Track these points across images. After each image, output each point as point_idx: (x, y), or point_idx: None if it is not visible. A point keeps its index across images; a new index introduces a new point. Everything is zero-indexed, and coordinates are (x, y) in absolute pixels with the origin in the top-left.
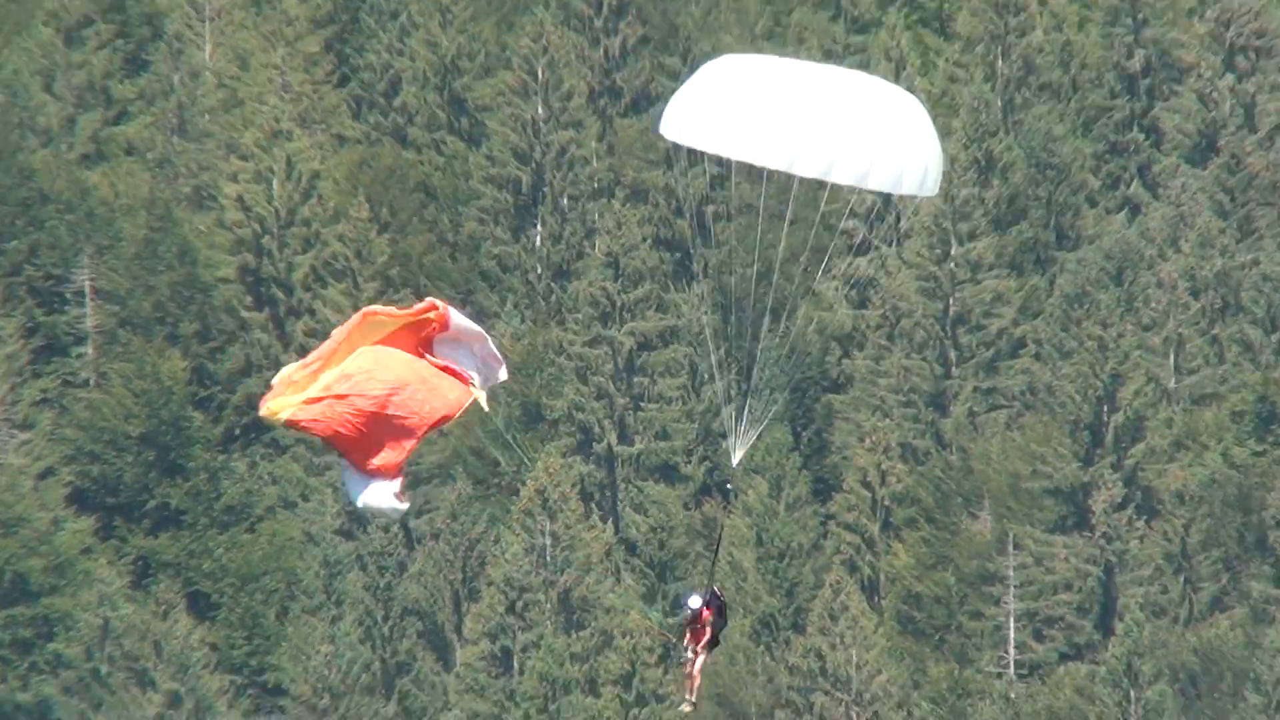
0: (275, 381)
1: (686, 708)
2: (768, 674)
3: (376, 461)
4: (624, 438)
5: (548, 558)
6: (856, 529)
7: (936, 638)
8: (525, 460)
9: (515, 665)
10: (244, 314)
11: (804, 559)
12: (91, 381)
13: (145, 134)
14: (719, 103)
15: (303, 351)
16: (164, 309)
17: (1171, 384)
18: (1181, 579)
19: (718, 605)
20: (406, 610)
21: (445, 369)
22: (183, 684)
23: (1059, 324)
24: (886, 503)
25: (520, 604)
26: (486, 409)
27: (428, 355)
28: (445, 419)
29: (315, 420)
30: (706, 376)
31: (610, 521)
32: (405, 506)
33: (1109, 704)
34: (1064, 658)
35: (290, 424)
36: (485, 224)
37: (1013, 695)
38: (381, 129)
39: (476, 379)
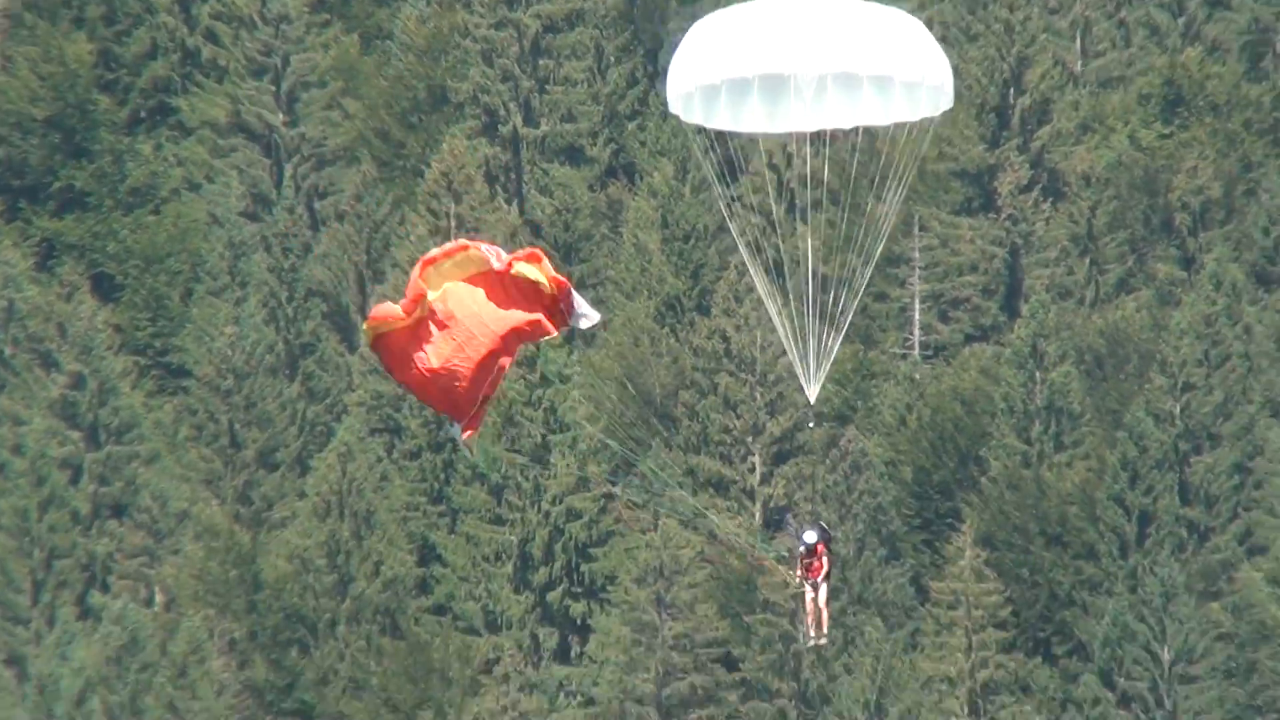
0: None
1: (823, 641)
2: (672, 355)
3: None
4: (529, 120)
5: (452, 240)
6: (761, 211)
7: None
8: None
9: None
10: None
11: (708, 240)
12: None
13: None
14: (726, 69)
15: (208, 34)
16: None
17: (1078, 67)
18: (1087, 261)
19: (826, 538)
20: (311, 291)
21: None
22: (86, 365)
23: (965, 6)
24: (792, 185)
25: None
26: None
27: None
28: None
29: (394, 354)
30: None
31: (515, 204)
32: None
33: (1014, 385)
34: (969, 339)
35: (376, 345)
36: None
37: (917, 376)
38: None
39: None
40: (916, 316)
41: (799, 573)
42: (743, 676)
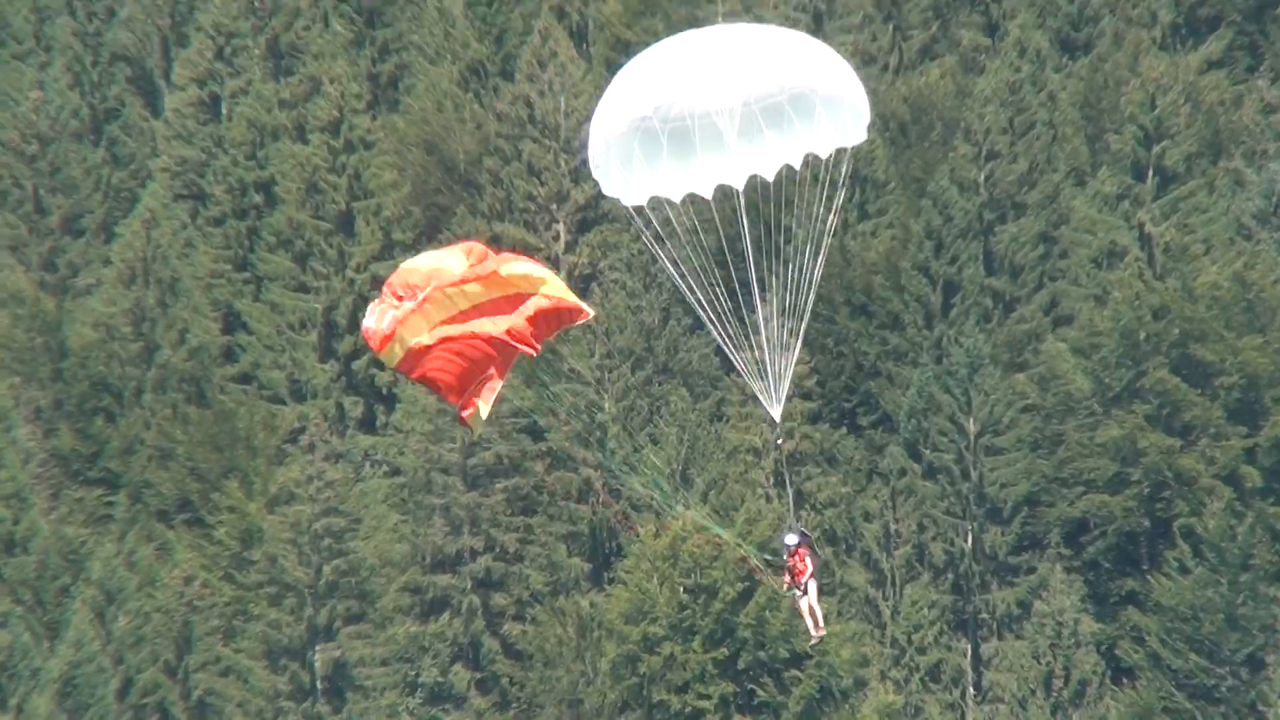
0: (383, 324)
1: (823, 633)
2: (476, 121)
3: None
4: None
5: (256, 4)
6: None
7: None
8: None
9: (223, 111)
10: None
11: (513, 4)
12: None
13: None
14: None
15: None
16: None
17: None
18: (891, 27)
19: (808, 542)
20: (115, 56)
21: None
22: None
23: None
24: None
25: (229, 50)
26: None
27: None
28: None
29: (424, 370)
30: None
31: None
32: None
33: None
34: None
35: (400, 369)
36: None
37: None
38: None
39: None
40: None
41: (786, 579)
42: (548, 446)
